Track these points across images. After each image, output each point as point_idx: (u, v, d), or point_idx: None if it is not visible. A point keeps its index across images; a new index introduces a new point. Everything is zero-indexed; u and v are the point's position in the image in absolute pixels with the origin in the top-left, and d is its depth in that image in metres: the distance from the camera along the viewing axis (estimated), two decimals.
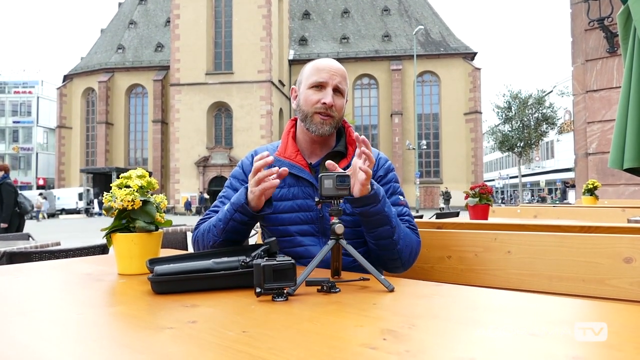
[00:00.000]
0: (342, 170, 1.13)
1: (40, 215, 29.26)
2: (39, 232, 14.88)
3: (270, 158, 1.22)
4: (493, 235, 1.50)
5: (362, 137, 1.20)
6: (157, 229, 1.27)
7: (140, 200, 1.23)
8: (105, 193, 1.26)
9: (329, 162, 1.19)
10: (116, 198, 1.21)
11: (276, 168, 1.23)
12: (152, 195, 1.29)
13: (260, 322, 0.77)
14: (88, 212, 32.31)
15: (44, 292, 1.04)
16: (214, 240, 1.38)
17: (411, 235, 1.40)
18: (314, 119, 1.44)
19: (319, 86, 1.44)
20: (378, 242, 1.33)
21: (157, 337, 0.69)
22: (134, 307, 0.89)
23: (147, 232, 1.24)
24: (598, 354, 0.59)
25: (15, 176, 52.30)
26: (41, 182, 51.34)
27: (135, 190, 1.23)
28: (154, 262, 1.12)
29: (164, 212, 1.31)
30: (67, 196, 35.55)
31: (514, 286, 1.41)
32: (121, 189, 1.23)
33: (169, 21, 41.33)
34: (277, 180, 1.22)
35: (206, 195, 34.35)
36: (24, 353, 0.63)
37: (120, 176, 1.28)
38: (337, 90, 1.44)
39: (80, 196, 35.32)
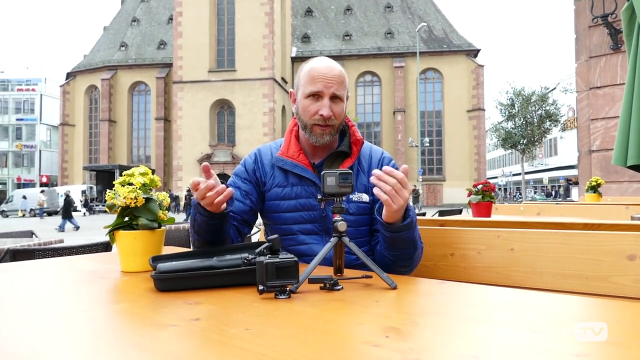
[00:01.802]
0: (346, 169, 1.13)
1: (20, 214, 28.86)
2: (42, 229, 14.93)
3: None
4: (496, 232, 1.50)
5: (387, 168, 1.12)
6: (159, 227, 1.27)
7: (143, 198, 1.23)
8: (107, 191, 1.26)
9: (387, 169, 1.13)
10: (119, 195, 1.21)
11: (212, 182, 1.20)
12: (154, 192, 1.30)
13: (263, 320, 0.77)
14: (91, 209, 32.33)
15: (48, 290, 1.05)
16: (193, 238, 1.37)
17: (419, 246, 1.36)
18: (313, 130, 1.41)
19: (316, 95, 1.39)
20: (396, 259, 1.30)
21: (160, 335, 0.69)
22: (137, 305, 0.89)
23: (149, 229, 1.24)
24: (601, 351, 0.59)
25: (19, 173, 52.48)
26: (44, 180, 51.45)
27: (138, 187, 1.23)
28: (157, 259, 1.13)
29: (167, 209, 1.31)
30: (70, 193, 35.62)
31: (516, 284, 1.41)
32: (124, 186, 1.24)
33: (171, 19, 41.30)
34: (220, 197, 1.20)
35: (175, 193, 34.12)
36: (28, 350, 0.63)
37: (123, 174, 1.28)
38: (335, 97, 1.40)
39: (84, 193, 35.40)
